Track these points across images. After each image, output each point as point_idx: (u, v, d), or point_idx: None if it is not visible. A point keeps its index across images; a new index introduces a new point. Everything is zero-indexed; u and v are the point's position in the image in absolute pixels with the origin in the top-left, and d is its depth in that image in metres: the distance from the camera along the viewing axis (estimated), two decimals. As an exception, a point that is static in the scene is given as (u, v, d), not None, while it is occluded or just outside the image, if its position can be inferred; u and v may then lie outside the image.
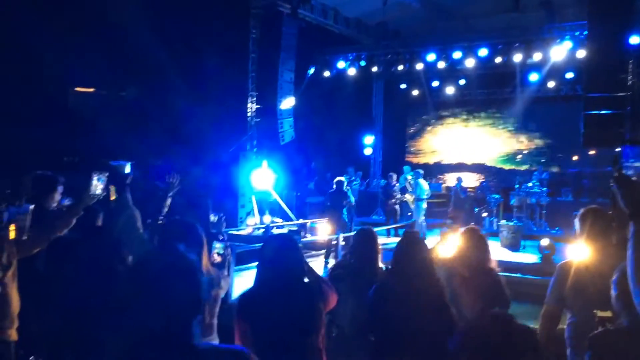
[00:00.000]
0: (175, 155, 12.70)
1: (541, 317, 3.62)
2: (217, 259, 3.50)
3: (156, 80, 14.57)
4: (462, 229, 4.25)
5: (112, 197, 3.18)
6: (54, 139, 12.22)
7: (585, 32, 12.14)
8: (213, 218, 4.41)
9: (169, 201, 3.39)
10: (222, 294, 3.47)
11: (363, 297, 3.49)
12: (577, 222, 3.55)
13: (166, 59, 14.01)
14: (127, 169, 3.26)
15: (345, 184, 12.20)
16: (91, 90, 16.55)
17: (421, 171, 14.38)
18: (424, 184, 13.85)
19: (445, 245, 4.46)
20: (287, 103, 14.91)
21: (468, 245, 4.05)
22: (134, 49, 13.59)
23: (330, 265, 8.34)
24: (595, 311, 2.66)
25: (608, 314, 2.52)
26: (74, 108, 15.30)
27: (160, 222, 4.37)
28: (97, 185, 3.33)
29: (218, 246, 3.48)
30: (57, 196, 4.17)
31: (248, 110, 14.72)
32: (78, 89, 16.26)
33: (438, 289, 3.40)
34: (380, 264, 4.12)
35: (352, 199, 12.34)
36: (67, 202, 4.16)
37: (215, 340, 3.38)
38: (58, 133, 12.53)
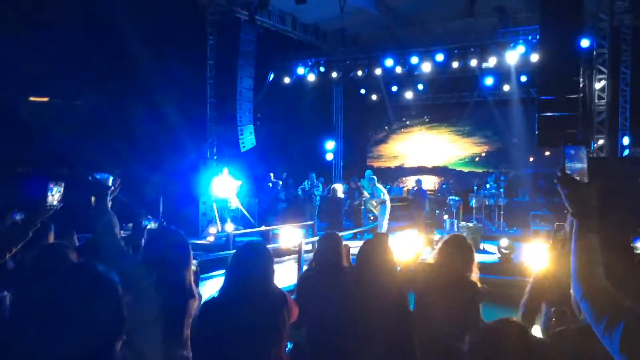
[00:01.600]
0: (134, 163, 12.47)
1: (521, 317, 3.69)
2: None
3: (113, 88, 14.29)
4: (447, 236, 4.15)
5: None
6: (7, 149, 11.86)
7: (538, 37, 12.49)
8: (153, 225, 4.33)
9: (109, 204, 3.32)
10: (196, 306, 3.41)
11: (329, 302, 3.47)
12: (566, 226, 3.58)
13: (122, 66, 13.78)
14: (110, 182, 3.21)
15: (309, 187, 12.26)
16: (45, 99, 16.13)
17: (374, 177, 14.53)
18: (380, 187, 14.11)
19: (418, 249, 4.46)
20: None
21: (450, 254, 3.92)
22: (89, 56, 13.32)
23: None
24: (552, 308, 2.76)
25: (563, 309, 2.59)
26: (28, 118, 14.88)
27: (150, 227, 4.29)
28: (54, 196, 3.24)
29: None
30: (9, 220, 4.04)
31: (207, 118, 14.59)
32: (32, 98, 15.83)
33: (398, 293, 3.38)
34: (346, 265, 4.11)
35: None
36: (18, 217, 4.03)
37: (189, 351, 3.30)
38: (11, 143, 12.17)
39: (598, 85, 11.38)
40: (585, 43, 12.21)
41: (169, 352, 2.81)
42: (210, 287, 3.31)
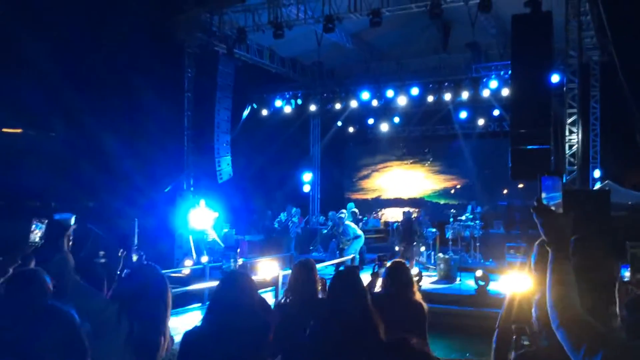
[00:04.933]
0: (108, 195, 12.32)
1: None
2: None
3: (88, 119, 14.20)
4: (389, 265, 4.37)
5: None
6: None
7: (510, 72, 12.82)
8: (123, 254, 4.29)
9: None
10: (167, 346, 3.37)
11: (304, 331, 3.46)
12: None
13: (98, 97, 13.73)
14: (72, 221, 3.22)
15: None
16: (19, 131, 15.93)
17: (343, 214, 14.49)
18: (351, 224, 14.03)
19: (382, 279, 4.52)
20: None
21: (392, 278, 4.16)
22: (64, 88, 13.25)
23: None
24: (512, 326, 2.88)
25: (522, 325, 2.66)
26: (0, 149, 14.66)
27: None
28: (36, 233, 3.23)
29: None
30: None
31: (184, 149, 14.56)
32: (5, 129, 15.63)
33: (373, 324, 3.38)
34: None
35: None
36: None
37: None
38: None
39: (569, 120, 11.67)
40: (555, 78, 12.56)
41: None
42: (186, 320, 3.29)
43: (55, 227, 3.15)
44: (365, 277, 4.26)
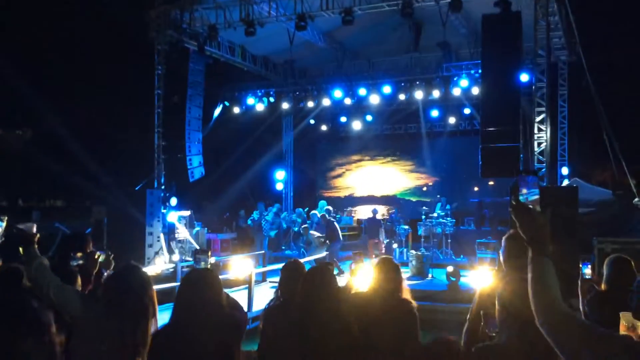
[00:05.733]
0: (77, 194, 12.13)
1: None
2: None
3: (56, 117, 13.95)
4: (375, 261, 4.23)
5: (22, 252, 3.16)
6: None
7: (480, 71, 12.98)
8: (98, 256, 4.26)
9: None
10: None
11: (291, 334, 3.43)
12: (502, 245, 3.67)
13: (67, 95, 13.49)
14: (34, 229, 3.23)
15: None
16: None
17: (307, 225, 14.58)
18: (314, 234, 14.03)
19: (359, 277, 4.47)
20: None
21: (380, 276, 4.01)
22: (31, 85, 12.99)
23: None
24: (480, 311, 2.94)
25: (491, 310, 2.72)
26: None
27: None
28: None
29: None
30: None
31: (155, 147, 14.38)
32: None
33: (344, 323, 3.38)
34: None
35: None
36: None
37: None
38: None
39: (538, 118, 11.86)
40: (524, 77, 12.75)
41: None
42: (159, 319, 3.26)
43: (21, 237, 3.16)
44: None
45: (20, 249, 3.12)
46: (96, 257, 4.20)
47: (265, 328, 3.77)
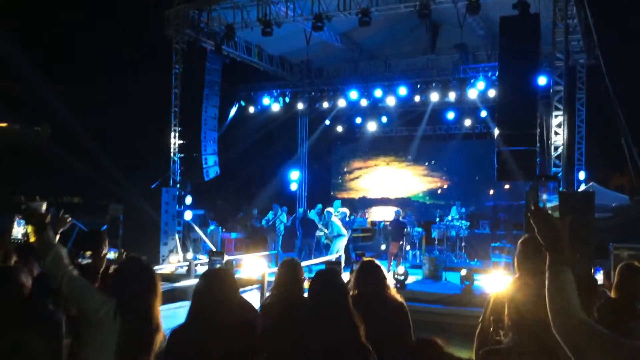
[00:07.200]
0: (94, 191, 12.25)
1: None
2: None
3: (75, 114, 14.10)
4: (358, 265, 4.25)
5: (32, 239, 2.94)
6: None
7: (497, 73, 12.89)
8: (105, 254, 4.26)
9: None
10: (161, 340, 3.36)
11: (287, 331, 3.44)
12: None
13: (86, 93, 13.63)
14: (43, 207, 3.04)
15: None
16: (3, 125, 15.76)
17: (332, 210, 14.49)
18: (337, 221, 13.98)
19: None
20: None
21: (364, 277, 4.07)
22: (51, 83, 13.15)
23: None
24: (491, 317, 2.94)
25: (502, 317, 2.68)
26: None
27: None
28: (19, 229, 3.21)
29: None
30: None
31: (171, 146, 14.48)
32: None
33: (353, 326, 3.35)
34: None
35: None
36: None
37: None
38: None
39: (555, 122, 11.75)
40: (542, 81, 12.65)
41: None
42: (172, 318, 3.27)
43: (31, 216, 3.00)
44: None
45: (29, 229, 2.92)
46: (103, 255, 4.13)
47: (264, 323, 3.80)
